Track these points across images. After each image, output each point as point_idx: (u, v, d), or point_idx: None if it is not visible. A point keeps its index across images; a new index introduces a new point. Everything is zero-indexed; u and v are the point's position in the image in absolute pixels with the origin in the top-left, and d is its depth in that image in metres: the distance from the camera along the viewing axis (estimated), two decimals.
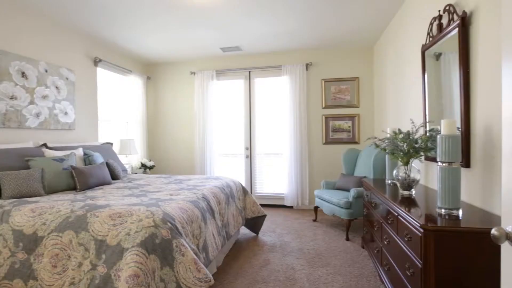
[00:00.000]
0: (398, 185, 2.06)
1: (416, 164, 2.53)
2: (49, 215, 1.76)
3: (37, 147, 2.79)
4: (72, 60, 3.52)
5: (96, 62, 3.87)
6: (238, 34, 3.75)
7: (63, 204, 1.89)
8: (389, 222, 1.90)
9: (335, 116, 4.45)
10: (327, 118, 4.48)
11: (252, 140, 4.75)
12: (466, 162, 1.75)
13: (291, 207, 4.60)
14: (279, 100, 4.64)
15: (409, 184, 1.98)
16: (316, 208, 3.82)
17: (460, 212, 1.49)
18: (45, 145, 2.91)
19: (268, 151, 4.73)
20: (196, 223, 1.96)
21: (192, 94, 4.97)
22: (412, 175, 2.00)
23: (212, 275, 2.32)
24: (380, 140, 2.26)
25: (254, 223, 3.34)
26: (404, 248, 1.61)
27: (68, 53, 3.48)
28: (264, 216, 3.29)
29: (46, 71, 3.14)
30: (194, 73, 4.84)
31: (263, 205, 4.70)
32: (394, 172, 2.10)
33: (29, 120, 2.94)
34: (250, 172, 4.76)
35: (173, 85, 5.07)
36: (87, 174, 2.59)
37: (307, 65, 4.46)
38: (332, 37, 3.90)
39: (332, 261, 2.60)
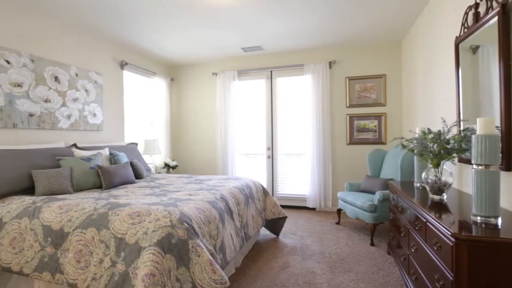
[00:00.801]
0: (428, 188, 1.91)
1: (448, 166, 2.35)
2: (74, 212, 1.84)
3: (67, 147, 2.95)
4: (100, 64, 3.69)
5: (123, 65, 4.03)
6: (259, 33, 3.72)
7: (87, 202, 1.97)
8: (417, 228, 1.77)
9: (360, 115, 4.27)
10: (352, 117, 4.31)
11: (274, 140, 4.70)
12: (507, 164, 1.58)
13: (314, 209, 4.49)
14: (301, 99, 4.55)
15: (439, 188, 1.83)
16: (339, 210, 3.69)
17: (499, 221, 1.34)
18: (75, 145, 3.07)
19: (290, 152, 4.65)
20: (213, 223, 1.96)
21: (214, 94, 5.02)
22: (443, 178, 1.84)
23: (230, 276, 2.31)
24: (407, 140, 2.12)
25: (275, 225, 3.28)
26: (433, 257, 1.48)
27: (97, 57, 3.65)
28: (285, 217, 3.22)
29: (77, 75, 3.31)
30: (216, 73, 4.88)
31: (285, 207, 4.64)
32: (423, 174, 1.95)
33: (61, 122, 3.12)
34: (271, 172, 4.71)
35: (195, 86, 5.15)
36: (112, 173, 2.69)
37: (330, 63, 4.33)
38: (356, 33, 3.75)
39: (355, 267, 2.48)
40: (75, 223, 1.76)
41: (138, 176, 3.24)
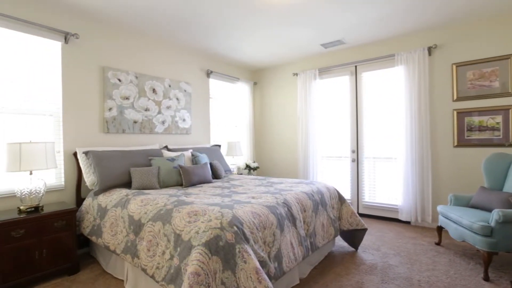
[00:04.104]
0: None
1: None
2: (150, 206, 2.10)
3: (161, 148, 3.43)
4: (189, 75, 4.17)
5: (208, 74, 4.43)
6: (338, 26, 3.41)
7: (162, 198, 2.22)
8: None
9: (474, 110, 3.36)
10: (461, 113, 3.43)
11: (360, 142, 4.24)
12: None
13: (408, 222, 3.80)
14: (392, 95, 3.94)
15: None
16: (440, 228, 2.99)
17: None
18: (166, 147, 3.55)
19: (379, 155, 4.08)
20: (269, 229, 1.88)
21: (295, 95, 4.93)
22: None
23: (293, 287, 2.17)
24: None
25: (352, 236, 2.94)
26: None
27: (186, 69, 4.13)
28: (364, 230, 2.84)
29: (170, 86, 3.83)
30: (296, 74, 4.78)
31: (372, 217, 4.11)
32: None
33: (157, 127, 3.66)
34: (356, 177, 4.26)
35: (277, 88, 5.19)
36: (190, 172, 2.97)
37: (429, 48, 3.58)
38: (466, 5, 2.96)
39: None
40: (149, 216, 2.00)
41: (217, 176, 3.47)
